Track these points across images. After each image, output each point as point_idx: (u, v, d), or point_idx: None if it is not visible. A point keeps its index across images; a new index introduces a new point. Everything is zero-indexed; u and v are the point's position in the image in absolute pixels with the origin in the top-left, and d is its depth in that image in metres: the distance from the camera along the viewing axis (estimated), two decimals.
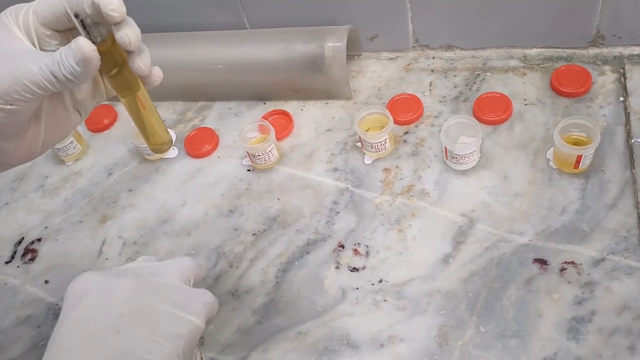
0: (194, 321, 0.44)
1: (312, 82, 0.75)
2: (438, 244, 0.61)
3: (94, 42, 0.38)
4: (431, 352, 0.55)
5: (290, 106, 0.78)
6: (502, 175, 0.64)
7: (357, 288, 0.60)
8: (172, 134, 0.79)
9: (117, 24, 0.39)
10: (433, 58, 0.78)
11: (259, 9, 0.79)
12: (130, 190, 0.75)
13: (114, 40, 0.40)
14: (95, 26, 0.39)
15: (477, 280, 0.58)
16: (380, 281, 0.60)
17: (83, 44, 0.37)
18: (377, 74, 0.79)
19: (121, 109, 0.85)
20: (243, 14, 0.80)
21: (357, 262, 0.62)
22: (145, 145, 0.75)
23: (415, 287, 0.59)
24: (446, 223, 0.63)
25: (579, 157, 0.60)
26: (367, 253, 0.62)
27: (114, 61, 0.41)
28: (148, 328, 0.42)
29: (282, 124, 0.76)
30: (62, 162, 0.80)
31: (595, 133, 0.60)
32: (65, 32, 0.41)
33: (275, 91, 0.78)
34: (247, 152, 0.70)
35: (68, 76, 0.38)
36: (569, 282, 0.56)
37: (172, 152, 0.77)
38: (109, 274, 0.45)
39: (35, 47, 0.40)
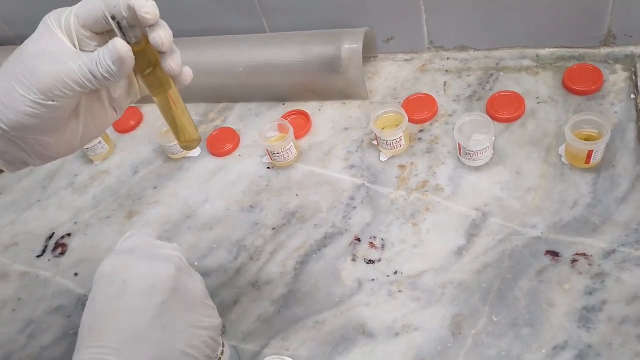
0: (218, 316, 0.46)
1: (329, 83, 0.78)
2: (452, 237, 0.63)
3: (129, 43, 0.41)
4: (445, 340, 0.56)
5: (308, 107, 0.81)
6: (514, 171, 0.66)
7: (373, 279, 0.62)
8: None
9: (151, 26, 0.42)
10: (447, 59, 0.80)
11: (278, 14, 0.82)
12: (155, 188, 0.78)
13: (147, 41, 0.43)
14: (131, 28, 0.42)
15: (490, 271, 0.60)
16: (396, 273, 0.62)
17: (119, 45, 0.40)
18: (392, 74, 0.81)
19: (146, 110, 0.88)
20: (263, 19, 0.83)
21: (373, 254, 0.64)
22: (170, 145, 0.78)
23: (430, 278, 0.61)
24: (460, 217, 0.64)
25: (590, 152, 0.61)
26: (383, 246, 0.64)
27: (148, 61, 0.44)
28: (191, 320, 0.42)
29: (301, 124, 0.78)
30: (91, 161, 0.84)
31: (606, 129, 0.61)
32: (103, 34, 0.44)
33: (294, 92, 0.81)
34: (267, 149, 0.73)
35: (105, 74, 0.41)
36: (580, 273, 0.57)
37: (195, 151, 0.80)
38: (149, 257, 0.44)
39: (75, 48, 0.43)
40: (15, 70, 0.42)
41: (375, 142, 0.73)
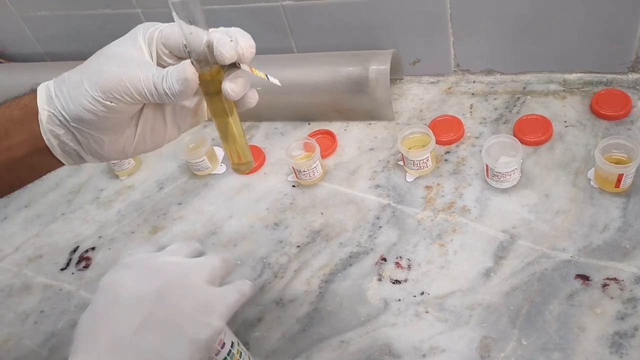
0: (214, 325, 0.44)
1: (356, 103, 0.79)
2: (479, 258, 0.62)
3: (200, 68, 0.42)
4: None
5: (333, 126, 0.81)
6: (543, 194, 0.66)
7: (399, 299, 0.62)
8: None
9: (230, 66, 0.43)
10: (474, 82, 0.81)
11: (306, 35, 0.83)
12: (179, 204, 0.79)
13: (219, 70, 0.43)
14: (205, 61, 0.43)
15: (518, 294, 0.59)
16: (422, 293, 0.61)
17: (187, 68, 0.42)
18: (418, 96, 0.81)
19: None
20: (291, 40, 0.84)
21: (399, 274, 0.64)
22: (195, 161, 0.79)
23: (457, 299, 0.60)
24: (487, 239, 0.64)
25: (620, 176, 0.61)
26: (409, 266, 0.64)
27: (215, 88, 0.44)
28: (169, 336, 0.42)
29: (327, 143, 0.79)
30: (117, 176, 0.85)
31: (636, 152, 0.61)
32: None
33: (320, 112, 0.82)
34: (293, 167, 0.73)
35: (167, 91, 0.42)
36: (612, 298, 0.56)
37: (221, 169, 0.81)
38: (141, 272, 0.45)
39: (152, 60, 0.44)
40: (90, 66, 0.43)
41: (401, 163, 0.73)
